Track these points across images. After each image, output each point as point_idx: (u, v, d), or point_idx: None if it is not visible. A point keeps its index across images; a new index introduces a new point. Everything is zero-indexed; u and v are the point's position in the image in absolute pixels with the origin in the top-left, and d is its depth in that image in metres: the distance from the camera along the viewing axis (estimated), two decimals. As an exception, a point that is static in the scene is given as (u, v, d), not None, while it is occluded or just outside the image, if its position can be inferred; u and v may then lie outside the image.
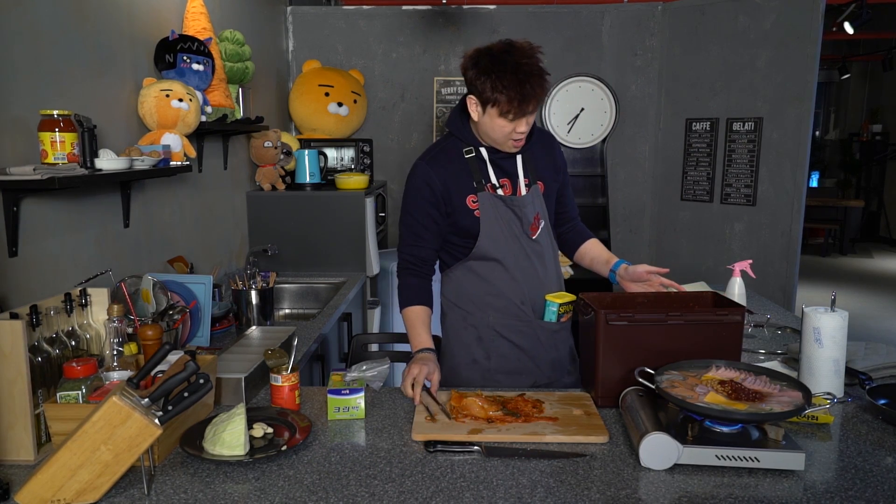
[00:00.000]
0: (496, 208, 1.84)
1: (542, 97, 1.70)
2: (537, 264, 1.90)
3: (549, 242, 1.94)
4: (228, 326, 2.33)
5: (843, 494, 1.23)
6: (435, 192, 1.84)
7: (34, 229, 1.79)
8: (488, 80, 1.68)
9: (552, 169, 1.95)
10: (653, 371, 1.53)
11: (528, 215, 1.87)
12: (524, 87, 1.66)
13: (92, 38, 2.05)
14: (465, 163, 1.86)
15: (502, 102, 1.68)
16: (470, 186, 1.84)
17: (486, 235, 1.85)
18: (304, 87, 3.97)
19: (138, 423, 1.19)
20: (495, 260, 1.87)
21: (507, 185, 1.87)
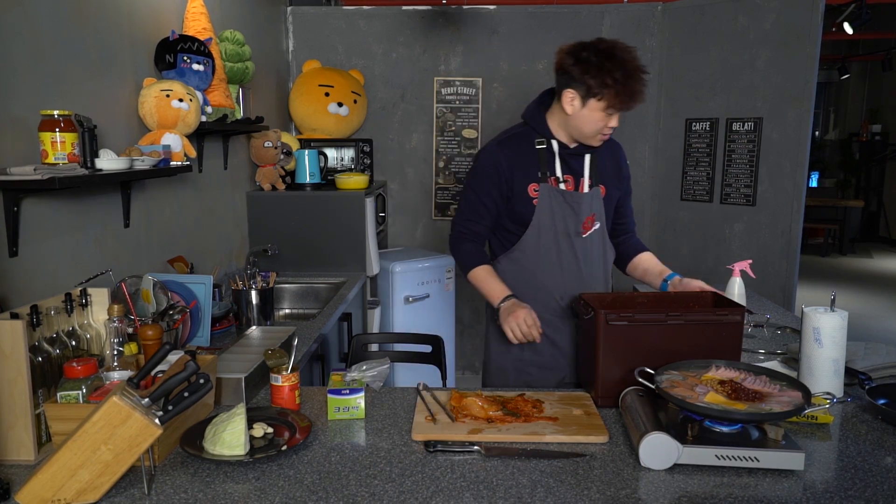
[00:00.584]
0: (554, 200, 1.90)
1: (643, 95, 1.78)
2: (583, 263, 1.96)
3: (600, 244, 1.99)
4: (228, 326, 2.33)
5: (843, 494, 1.23)
6: (500, 173, 1.91)
7: (34, 229, 1.79)
8: (599, 74, 1.75)
9: (616, 176, 2.02)
10: (653, 371, 1.53)
11: (584, 213, 1.92)
12: (632, 83, 1.74)
13: (92, 38, 2.05)
14: (535, 152, 1.92)
15: (610, 97, 1.76)
16: (535, 175, 1.91)
17: (538, 225, 1.91)
18: (304, 87, 3.97)
19: (138, 423, 1.19)
20: (540, 252, 1.92)
21: (570, 182, 1.93)
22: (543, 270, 1.94)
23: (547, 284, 1.95)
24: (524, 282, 1.95)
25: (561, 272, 1.94)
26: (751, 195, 3.83)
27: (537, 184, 1.91)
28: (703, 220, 4.07)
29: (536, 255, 1.94)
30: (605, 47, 1.77)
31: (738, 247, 3.91)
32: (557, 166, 1.93)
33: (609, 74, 1.74)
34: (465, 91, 4.26)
